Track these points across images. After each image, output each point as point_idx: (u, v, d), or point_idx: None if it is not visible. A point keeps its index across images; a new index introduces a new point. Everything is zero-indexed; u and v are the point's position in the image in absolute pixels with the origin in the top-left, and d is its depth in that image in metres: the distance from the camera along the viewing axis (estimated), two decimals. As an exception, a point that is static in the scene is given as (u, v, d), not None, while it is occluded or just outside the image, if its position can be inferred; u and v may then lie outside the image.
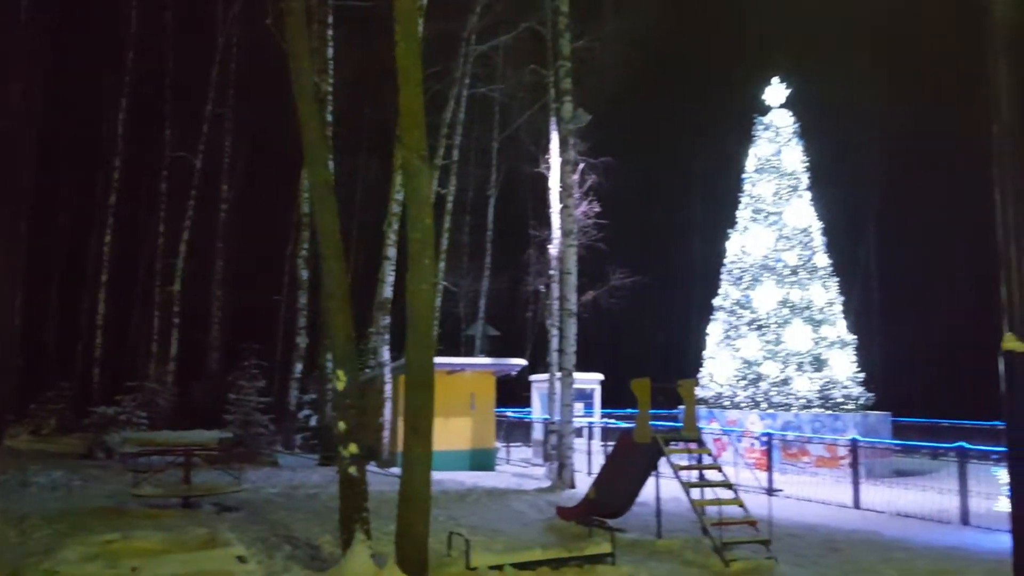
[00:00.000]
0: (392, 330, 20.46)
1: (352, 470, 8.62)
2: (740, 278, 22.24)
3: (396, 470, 17.50)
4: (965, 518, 12.87)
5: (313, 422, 23.03)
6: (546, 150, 18.92)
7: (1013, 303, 4.08)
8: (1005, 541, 11.26)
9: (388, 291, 19.96)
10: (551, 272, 18.93)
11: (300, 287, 23.31)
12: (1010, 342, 4.04)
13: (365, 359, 20.82)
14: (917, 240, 40.36)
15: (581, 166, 18.79)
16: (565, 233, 17.48)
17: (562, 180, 17.97)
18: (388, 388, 19.98)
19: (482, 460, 19.42)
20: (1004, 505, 11.92)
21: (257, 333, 25.82)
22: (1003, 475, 12.06)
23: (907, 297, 40.73)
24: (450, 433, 18.61)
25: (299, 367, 23.29)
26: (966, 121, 35.63)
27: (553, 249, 18.59)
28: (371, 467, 16.76)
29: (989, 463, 13.21)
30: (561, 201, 17.97)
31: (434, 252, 8.57)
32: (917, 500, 14.45)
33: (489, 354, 28.27)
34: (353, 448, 8.67)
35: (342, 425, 8.78)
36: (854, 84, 39.81)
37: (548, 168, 18.86)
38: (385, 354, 19.99)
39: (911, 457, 21.33)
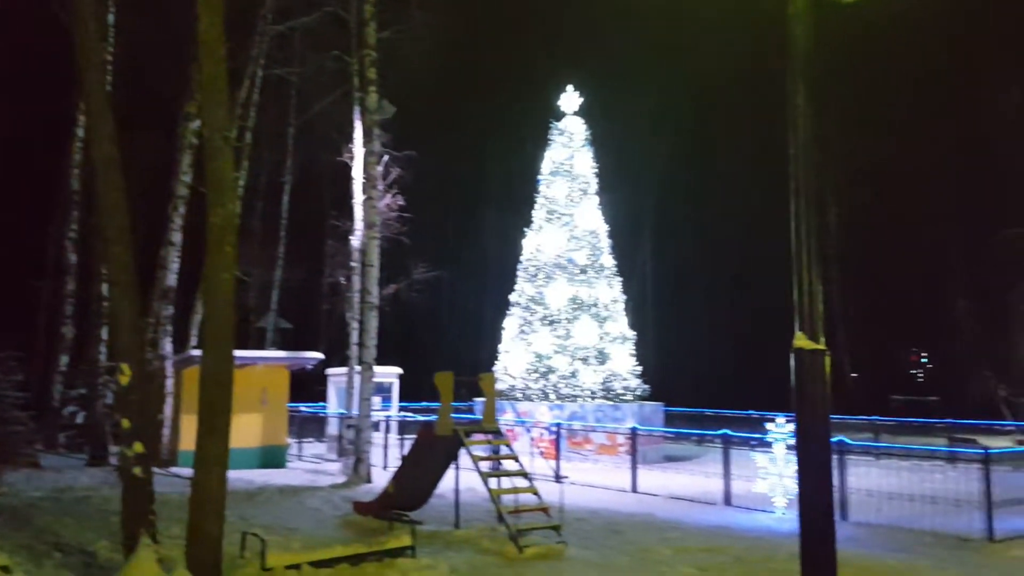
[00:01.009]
0: (175, 321, 19.24)
1: (137, 470, 8.06)
2: (535, 275, 23.11)
3: (178, 470, 16.48)
4: (728, 499, 14.23)
5: (80, 419, 21.11)
6: (349, 139, 18.58)
7: (803, 305, 4.61)
8: (762, 519, 12.70)
9: (171, 279, 18.72)
10: (352, 264, 18.63)
11: (68, 272, 21.26)
12: (800, 340, 4.56)
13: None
14: (688, 243, 44.02)
15: (385, 158, 18.64)
16: (368, 225, 17.28)
17: (366, 171, 17.74)
18: (169, 383, 18.76)
19: (273, 457, 18.74)
20: (761, 486, 13.35)
21: (14, 322, 23.22)
22: (760, 459, 13.48)
23: (678, 296, 44.28)
24: (239, 430, 17.57)
25: (64, 359, 21.25)
26: (739, 131, 39.38)
27: (355, 241, 18.31)
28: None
29: (748, 448, 14.64)
30: (364, 192, 17.73)
31: (236, 239, 8.17)
32: (686, 483, 15.77)
33: (280, 347, 27.31)
34: (138, 447, 8.11)
35: (126, 423, 8.19)
36: (639, 94, 42.61)
37: (351, 158, 18.54)
38: (167, 347, 18.75)
39: (679, 443, 23.26)
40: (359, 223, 18.02)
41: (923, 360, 56.04)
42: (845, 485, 12.77)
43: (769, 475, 13.22)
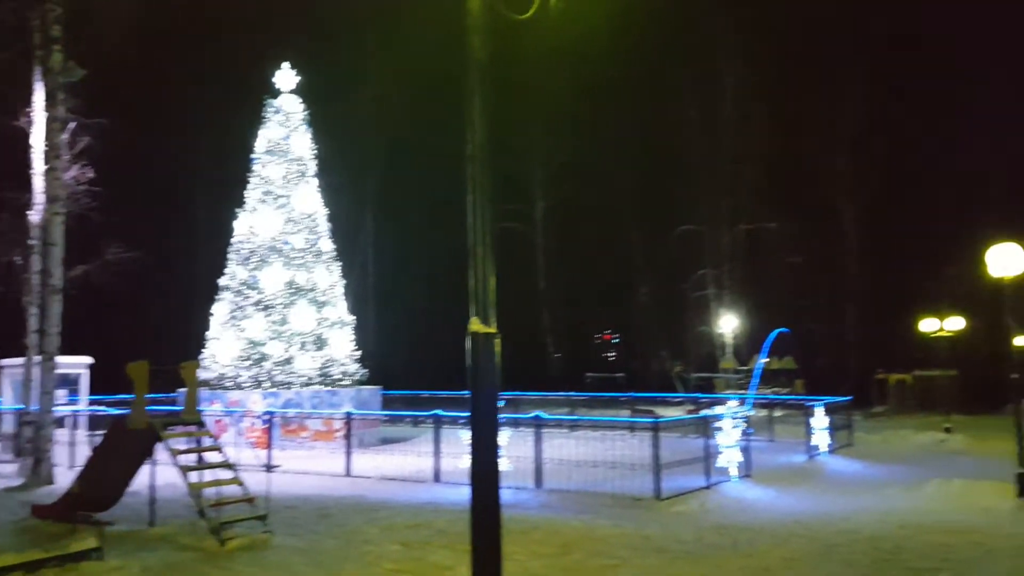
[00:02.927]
0: None
1: None
2: (248, 258, 22.21)
3: None
4: (438, 476, 14.86)
5: None
6: (28, 103, 16.50)
7: (478, 292, 5.01)
8: (467, 492, 13.39)
9: None
10: (31, 242, 16.61)
11: None
12: (475, 324, 4.95)
13: None
14: (408, 228, 44.83)
15: (72, 125, 16.79)
16: (51, 199, 15.53)
17: (48, 139, 15.90)
18: None
19: (-72, 462, 16.26)
20: (467, 462, 14.10)
21: None
22: (467, 436, 14.22)
23: (399, 280, 44.96)
24: None
25: None
26: (452, 120, 40.62)
27: (34, 216, 16.33)
28: None
29: (458, 427, 15.39)
30: (47, 162, 15.89)
31: None
32: (400, 464, 16.19)
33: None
34: None
35: None
36: (360, 78, 42.46)
37: (30, 123, 16.48)
38: None
39: (396, 426, 23.76)
40: (39, 196, 16.09)
41: (614, 341, 62.16)
42: (540, 456, 13.91)
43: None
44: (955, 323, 28.00)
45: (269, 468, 14.95)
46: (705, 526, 11.03)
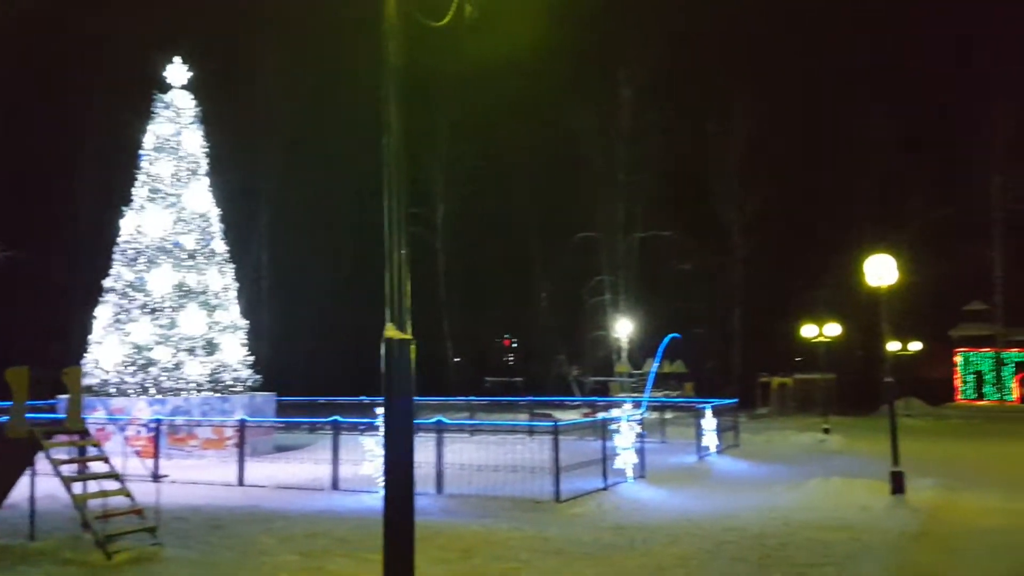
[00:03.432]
0: None
1: None
2: (135, 259, 21.25)
3: None
4: (336, 484, 14.61)
5: None
6: None
7: (393, 298, 4.99)
8: (367, 500, 13.27)
9: None
10: None
11: None
12: (390, 331, 4.93)
13: None
14: (303, 233, 43.88)
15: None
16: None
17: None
18: None
19: None
20: (367, 469, 13.94)
21: None
22: (368, 443, 14.06)
23: (295, 283, 43.93)
24: None
25: None
26: (352, 124, 40.13)
27: None
28: None
29: (357, 433, 15.17)
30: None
31: None
32: (296, 472, 15.84)
33: None
34: None
35: None
36: (258, 76, 41.36)
37: None
38: None
39: (292, 433, 23.20)
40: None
41: (513, 345, 62.73)
42: (442, 461, 13.90)
43: (376, 457, 13.84)
44: (833, 329, 29.56)
45: (157, 478, 14.33)
46: (603, 527, 11.29)
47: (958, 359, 44.43)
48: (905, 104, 40.89)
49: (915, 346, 40.75)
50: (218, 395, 20.58)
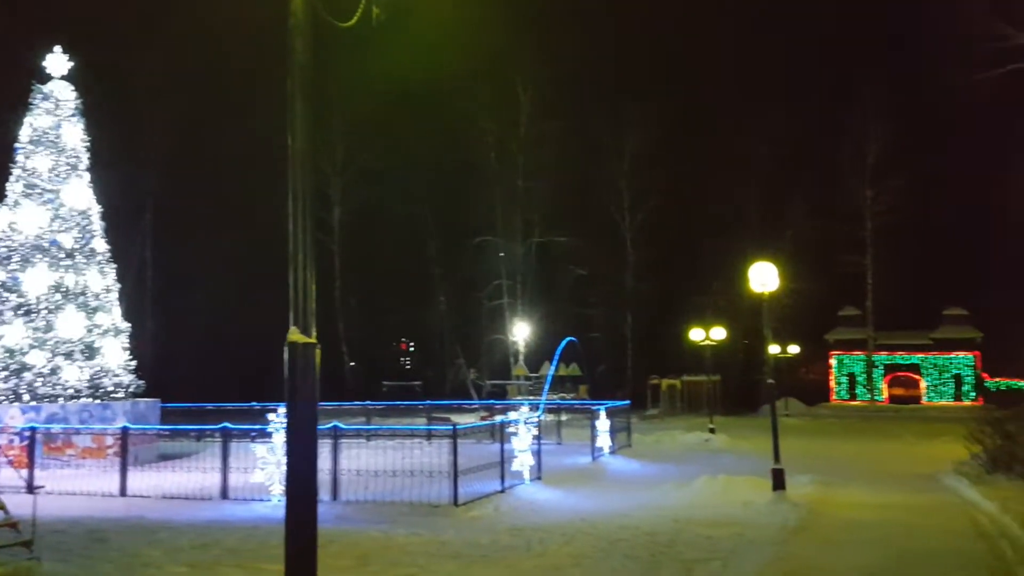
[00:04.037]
0: None
1: None
2: (8, 258, 19.97)
3: None
4: (226, 493, 14.15)
5: None
6: None
7: (297, 302, 4.89)
8: (259, 509, 12.93)
9: None
10: None
11: None
12: (294, 335, 4.83)
13: None
14: (191, 233, 42.32)
15: None
16: None
17: None
18: None
19: None
20: (259, 476, 13.58)
21: None
22: (260, 450, 13.70)
23: (178, 286, 42.28)
24: None
25: None
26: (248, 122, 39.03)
27: None
28: None
29: (249, 440, 14.74)
30: None
31: None
32: (182, 481, 15.23)
33: None
34: None
35: None
36: (145, 67, 39.65)
37: None
38: None
39: (178, 441, 22.28)
40: None
41: (411, 349, 62.32)
42: (338, 467, 13.69)
43: (267, 465, 13.51)
44: (719, 333, 30.80)
45: (32, 489, 13.53)
46: (500, 529, 11.39)
47: (833, 361, 47.05)
48: (788, 120, 43.08)
49: (794, 349, 43.02)
50: (98, 402, 19.58)
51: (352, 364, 46.08)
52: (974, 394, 44.01)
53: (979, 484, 14.46)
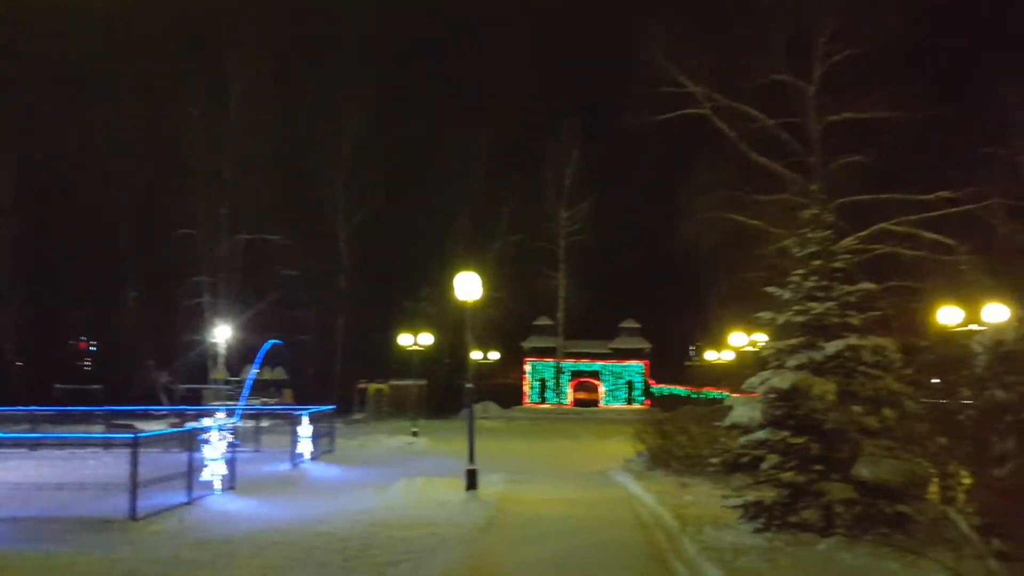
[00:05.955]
0: None
1: None
2: None
3: None
4: None
5: None
6: None
7: None
8: None
9: None
10: None
11: None
12: None
13: None
14: None
15: None
16: None
17: None
18: None
19: None
20: None
21: None
22: None
23: None
24: None
25: None
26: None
27: None
28: None
29: None
30: None
31: None
32: None
33: None
34: None
35: None
36: None
37: None
38: None
39: None
40: None
41: (92, 349, 56.25)
42: (-9, 482, 12.01)
43: None
44: (426, 338, 31.61)
45: None
46: (184, 543, 10.68)
47: (527, 367, 50.32)
48: (501, 137, 45.40)
49: (494, 355, 45.46)
50: None
51: (19, 364, 40.62)
52: (643, 398, 49.38)
53: (641, 479, 16.26)
